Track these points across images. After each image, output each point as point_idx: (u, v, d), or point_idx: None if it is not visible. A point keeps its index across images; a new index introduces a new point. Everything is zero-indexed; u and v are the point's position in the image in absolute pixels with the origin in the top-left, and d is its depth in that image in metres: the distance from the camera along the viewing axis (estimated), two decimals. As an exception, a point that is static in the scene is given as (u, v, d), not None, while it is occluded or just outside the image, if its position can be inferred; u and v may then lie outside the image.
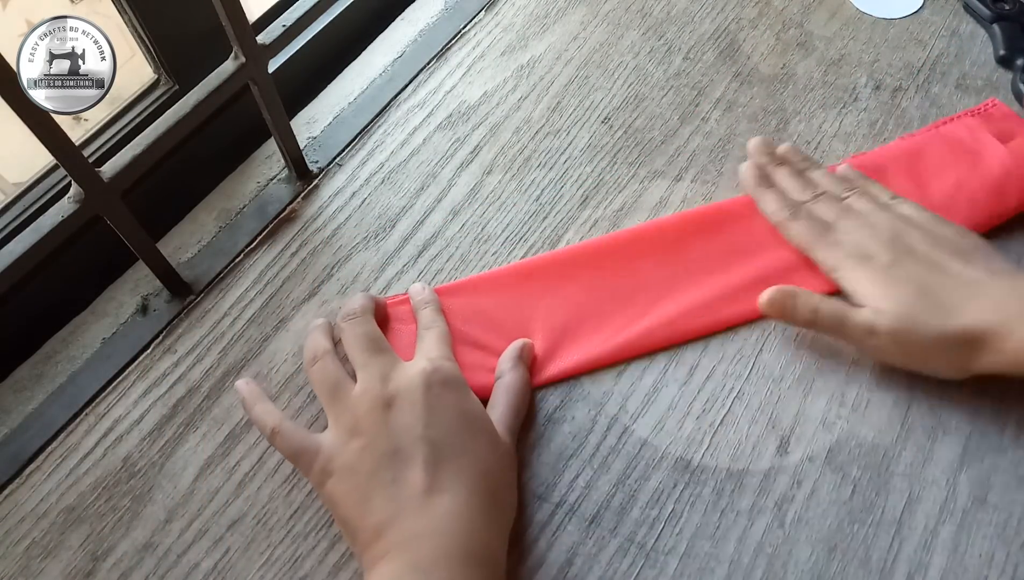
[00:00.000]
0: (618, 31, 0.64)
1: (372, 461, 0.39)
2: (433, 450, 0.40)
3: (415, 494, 0.38)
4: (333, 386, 0.43)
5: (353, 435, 0.41)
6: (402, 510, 0.38)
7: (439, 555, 0.36)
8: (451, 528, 0.37)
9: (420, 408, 0.41)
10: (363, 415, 0.41)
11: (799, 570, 0.42)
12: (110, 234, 0.47)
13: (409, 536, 0.37)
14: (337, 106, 0.62)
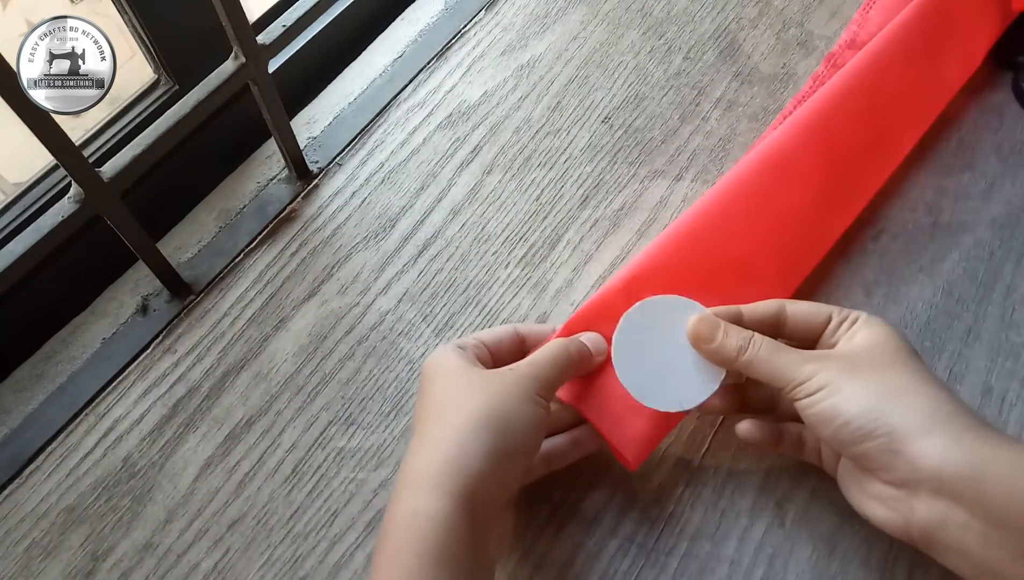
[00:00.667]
0: (618, 31, 0.64)
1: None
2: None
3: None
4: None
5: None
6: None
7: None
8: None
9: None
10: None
11: (799, 570, 0.42)
12: (110, 234, 0.47)
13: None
14: (337, 106, 0.62)
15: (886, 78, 0.53)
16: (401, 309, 0.52)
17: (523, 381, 0.39)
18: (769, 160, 0.50)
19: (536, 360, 0.40)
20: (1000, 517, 0.32)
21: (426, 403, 0.40)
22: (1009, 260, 0.51)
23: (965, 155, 0.56)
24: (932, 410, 0.35)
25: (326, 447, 0.48)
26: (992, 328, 0.49)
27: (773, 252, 0.49)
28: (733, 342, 0.41)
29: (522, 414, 0.37)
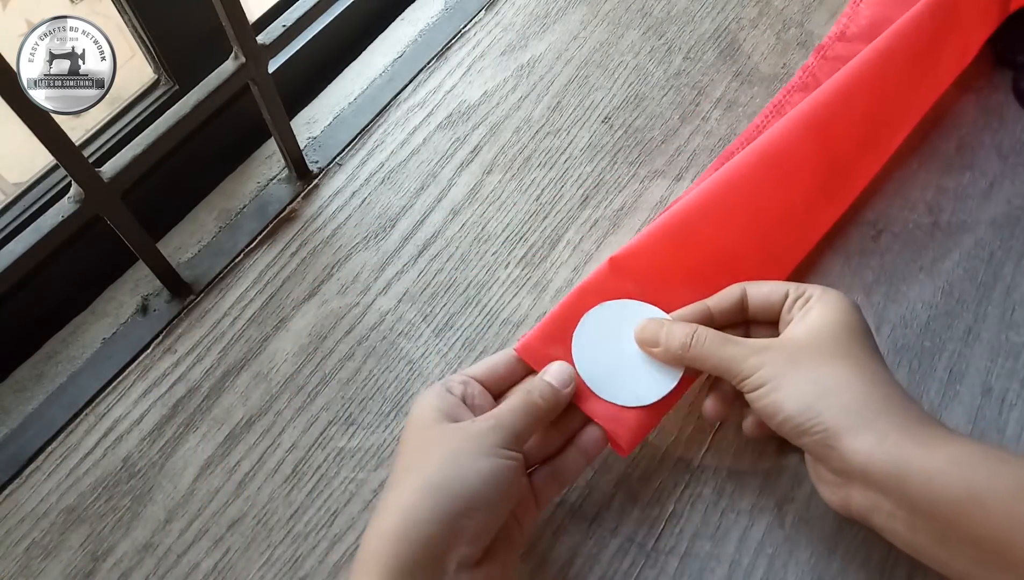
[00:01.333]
0: (618, 31, 0.64)
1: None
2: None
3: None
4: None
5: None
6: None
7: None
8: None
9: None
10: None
11: (799, 570, 0.42)
12: (110, 234, 0.47)
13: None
14: (337, 106, 0.62)
15: (883, 76, 0.53)
16: (401, 309, 0.52)
17: (482, 435, 0.38)
18: (763, 155, 0.50)
19: (499, 412, 0.40)
20: (921, 509, 0.35)
21: (397, 459, 0.40)
22: (1009, 260, 0.51)
23: (965, 155, 0.56)
24: (862, 408, 0.37)
25: (326, 447, 0.48)
26: (992, 328, 0.49)
27: (762, 246, 0.50)
28: (676, 340, 0.42)
29: (478, 470, 0.36)
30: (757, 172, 0.50)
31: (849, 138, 0.52)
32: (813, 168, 0.51)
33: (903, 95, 0.55)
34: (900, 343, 0.49)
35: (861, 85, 0.52)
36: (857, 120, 0.52)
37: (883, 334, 0.49)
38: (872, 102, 0.53)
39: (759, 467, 0.45)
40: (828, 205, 0.52)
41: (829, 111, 0.51)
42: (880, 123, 0.54)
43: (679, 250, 0.48)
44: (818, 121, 0.51)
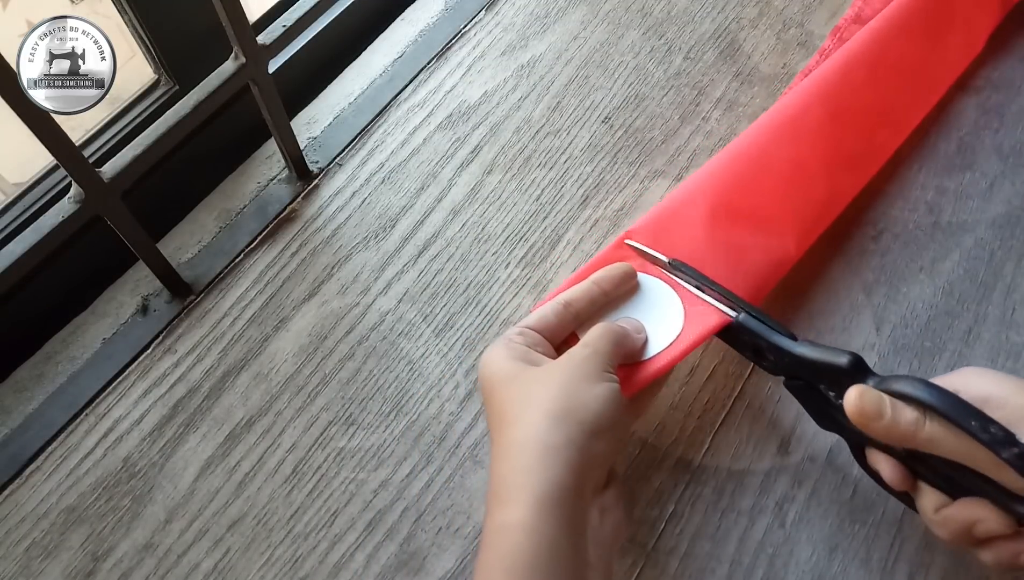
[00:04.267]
0: (618, 31, 0.64)
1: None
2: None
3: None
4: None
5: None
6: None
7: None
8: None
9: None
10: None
11: (800, 570, 0.42)
12: (110, 234, 0.47)
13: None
14: (337, 106, 0.62)
15: (888, 53, 0.55)
16: (401, 309, 0.52)
17: (586, 362, 0.38)
18: (781, 122, 0.53)
19: (589, 341, 0.40)
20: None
21: (495, 411, 0.38)
22: (1010, 260, 0.51)
23: (966, 155, 0.56)
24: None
25: (326, 447, 0.48)
26: (992, 328, 0.49)
27: (787, 205, 0.50)
28: (906, 417, 0.35)
29: (596, 395, 0.37)
30: (777, 135, 0.52)
31: (858, 111, 0.54)
32: (827, 137, 0.52)
33: (909, 74, 0.56)
34: (900, 343, 0.49)
35: (864, 61, 0.55)
36: (865, 94, 0.54)
37: (883, 334, 0.49)
38: (877, 79, 0.55)
39: (759, 467, 0.45)
40: (846, 175, 0.53)
41: (836, 84, 0.54)
42: (890, 100, 0.55)
43: (704, 215, 0.49)
44: (828, 92, 0.53)
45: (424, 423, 0.48)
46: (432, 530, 0.45)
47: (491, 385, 0.39)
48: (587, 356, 0.38)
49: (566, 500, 0.33)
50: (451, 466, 0.47)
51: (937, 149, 0.56)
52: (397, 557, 0.44)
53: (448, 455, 0.47)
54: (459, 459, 0.47)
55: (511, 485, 0.34)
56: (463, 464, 0.47)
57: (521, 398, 0.37)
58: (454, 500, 0.46)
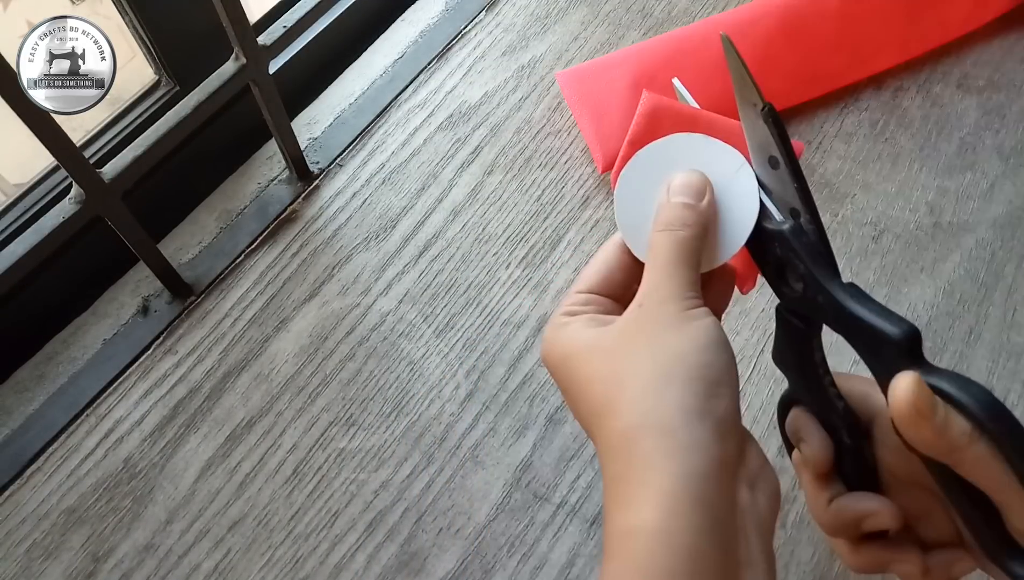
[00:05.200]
0: (619, 31, 0.64)
1: None
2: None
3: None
4: None
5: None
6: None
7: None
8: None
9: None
10: None
11: (801, 571, 0.42)
12: (111, 235, 0.47)
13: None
14: (338, 107, 0.62)
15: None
16: (402, 310, 0.52)
17: (663, 308, 0.30)
18: (730, 22, 0.59)
19: (658, 280, 0.31)
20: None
21: (580, 402, 0.31)
22: (1010, 260, 0.51)
23: (966, 155, 0.56)
24: None
25: (327, 448, 0.47)
26: (993, 328, 0.49)
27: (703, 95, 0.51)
28: (957, 429, 0.27)
29: (692, 343, 0.29)
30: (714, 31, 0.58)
31: (818, 30, 0.57)
32: (771, 41, 0.57)
33: (899, 17, 0.58)
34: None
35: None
36: (828, 15, 0.57)
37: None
38: (853, 6, 0.58)
39: (760, 468, 0.45)
40: (785, 81, 0.58)
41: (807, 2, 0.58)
42: (863, 28, 0.58)
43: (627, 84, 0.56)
44: (793, 5, 0.58)
45: (425, 424, 0.48)
46: (433, 531, 0.45)
47: (566, 369, 0.31)
48: (663, 298, 0.30)
49: (703, 491, 0.26)
50: (452, 467, 0.47)
51: (938, 149, 0.56)
52: (398, 558, 0.44)
53: (449, 456, 0.47)
54: (460, 460, 0.47)
55: (630, 484, 0.27)
56: (464, 465, 0.47)
57: (607, 378, 0.29)
58: (455, 501, 0.46)
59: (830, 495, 0.34)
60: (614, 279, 0.33)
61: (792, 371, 0.36)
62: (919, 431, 0.27)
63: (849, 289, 0.31)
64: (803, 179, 0.31)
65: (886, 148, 0.57)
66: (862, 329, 0.31)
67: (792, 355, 0.35)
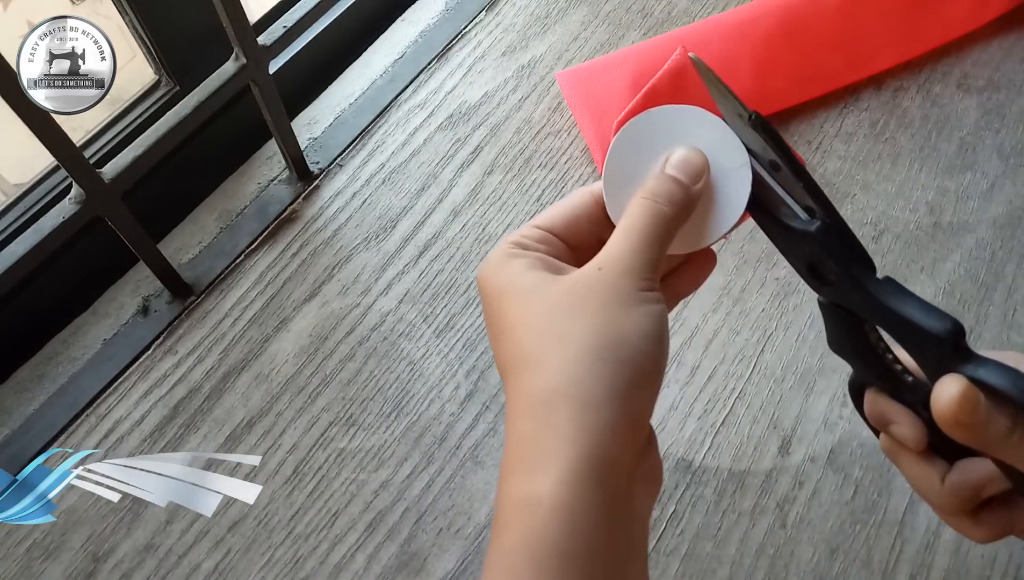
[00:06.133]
0: (619, 31, 0.64)
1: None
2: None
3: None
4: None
5: None
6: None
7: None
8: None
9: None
10: None
11: (801, 571, 0.42)
12: (111, 235, 0.47)
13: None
14: (338, 107, 0.62)
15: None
16: (402, 310, 0.52)
17: (620, 283, 0.28)
18: (730, 22, 0.59)
19: (626, 248, 0.29)
20: None
21: (506, 342, 0.29)
22: (1011, 260, 0.51)
23: (967, 155, 0.56)
24: None
25: (327, 448, 0.47)
26: (994, 328, 0.49)
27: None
28: (998, 427, 0.28)
29: (636, 327, 0.28)
30: (716, 33, 0.58)
31: (818, 29, 0.58)
32: (770, 41, 0.57)
33: (898, 15, 0.59)
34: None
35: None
36: (829, 14, 0.58)
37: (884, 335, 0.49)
38: (854, 4, 0.58)
39: (760, 468, 0.45)
40: (784, 80, 0.58)
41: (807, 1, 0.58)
42: (863, 28, 0.58)
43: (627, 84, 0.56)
44: (793, 5, 0.58)
45: (425, 424, 0.48)
46: (433, 531, 0.45)
47: (500, 304, 0.30)
48: (621, 272, 0.29)
49: (610, 473, 0.26)
50: (452, 467, 0.47)
51: (938, 149, 0.56)
52: (398, 558, 0.44)
53: (449, 456, 0.47)
54: (460, 460, 0.47)
55: (539, 448, 0.26)
56: (464, 465, 0.47)
57: (540, 330, 0.28)
58: (455, 501, 0.46)
59: (940, 473, 0.32)
60: (579, 226, 0.32)
61: (852, 357, 0.35)
62: (961, 435, 0.28)
63: (886, 285, 0.31)
64: (808, 176, 0.31)
65: (886, 148, 0.57)
66: (903, 325, 0.31)
67: (848, 341, 0.34)
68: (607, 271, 0.29)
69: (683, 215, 0.30)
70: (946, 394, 0.27)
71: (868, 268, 0.31)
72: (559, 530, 0.25)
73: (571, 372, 0.27)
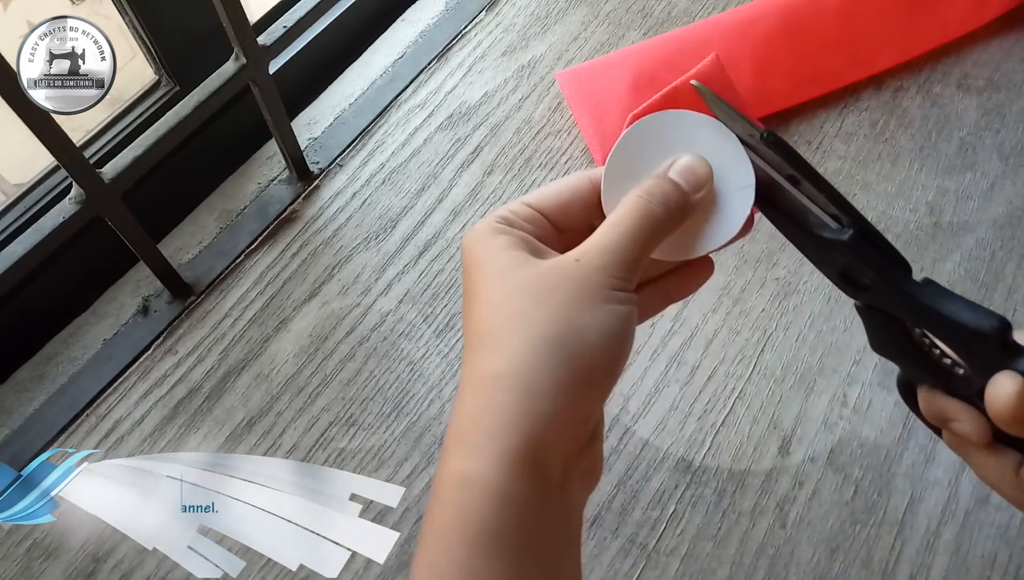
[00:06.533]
0: (619, 31, 0.64)
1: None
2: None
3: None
4: None
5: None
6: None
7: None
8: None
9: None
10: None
11: (801, 571, 0.42)
12: (111, 235, 0.47)
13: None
14: (338, 107, 0.62)
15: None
16: (402, 310, 0.52)
17: (592, 278, 0.28)
18: (730, 22, 0.59)
19: (608, 242, 0.29)
20: None
21: (473, 317, 0.30)
22: (1011, 260, 0.51)
23: (967, 155, 0.56)
24: None
25: (327, 448, 0.47)
26: (994, 329, 0.49)
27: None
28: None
29: (599, 324, 0.28)
30: (716, 32, 0.58)
31: (818, 29, 0.58)
32: (769, 41, 0.58)
33: (898, 15, 0.59)
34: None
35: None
36: (829, 15, 0.58)
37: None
38: (854, 5, 0.58)
39: (760, 468, 0.45)
40: (784, 80, 0.58)
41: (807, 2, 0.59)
42: (863, 28, 0.58)
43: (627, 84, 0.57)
44: (793, 5, 0.58)
45: (425, 424, 0.48)
46: (433, 531, 0.45)
47: (474, 276, 0.30)
48: (597, 267, 0.29)
49: (545, 462, 0.27)
50: (452, 467, 0.47)
51: (938, 149, 0.56)
52: (398, 558, 0.44)
53: (449, 456, 0.47)
54: (460, 460, 0.47)
55: (479, 429, 0.27)
56: (464, 465, 0.47)
57: (505, 311, 0.29)
58: (455, 501, 0.45)
59: (1013, 464, 0.32)
60: (571, 210, 0.32)
61: (898, 356, 0.34)
62: (1018, 431, 0.28)
63: (927, 287, 0.31)
64: (829, 186, 0.31)
65: (886, 148, 0.57)
66: (948, 325, 0.30)
67: (892, 342, 0.34)
68: (583, 264, 0.29)
69: (675, 221, 0.31)
70: (1002, 393, 0.27)
71: (905, 270, 0.31)
72: (491, 511, 0.26)
73: (522, 358, 0.27)
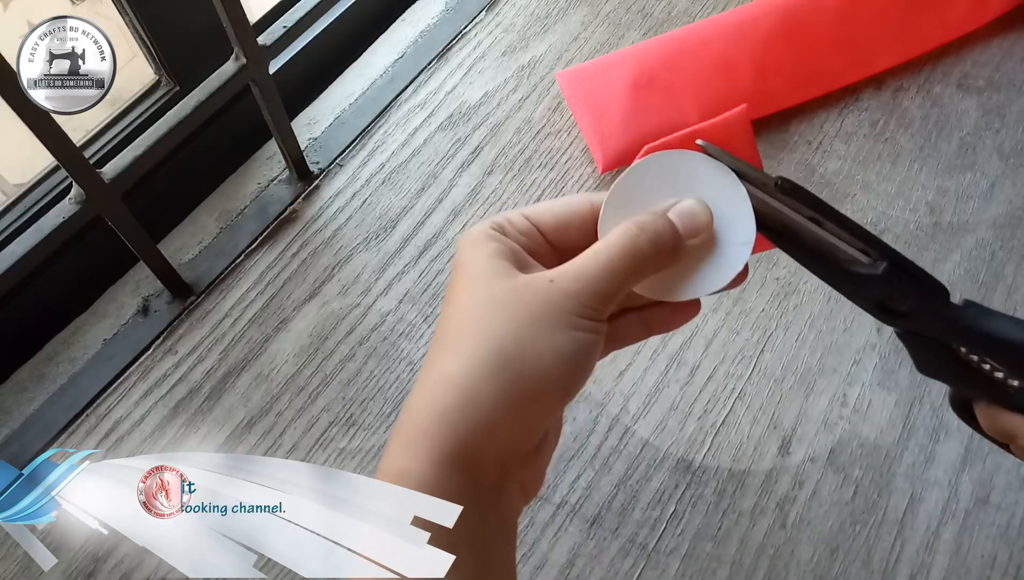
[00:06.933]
0: (619, 31, 0.64)
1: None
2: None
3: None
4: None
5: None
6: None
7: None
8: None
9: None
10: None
11: (801, 571, 0.42)
12: (111, 235, 0.47)
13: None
14: (338, 107, 0.62)
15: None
16: (402, 310, 0.52)
17: (561, 302, 0.29)
18: (730, 21, 0.59)
19: (586, 269, 0.29)
20: None
21: (445, 311, 0.30)
22: (1011, 260, 0.51)
23: (967, 156, 0.56)
24: None
25: (327, 448, 0.47)
26: (994, 329, 0.49)
27: (703, 90, 0.57)
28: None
29: (555, 347, 0.28)
30: (715, 32, 0.59)
31: (818, 29, 0.58)
32: (769, 41, 0.58)
33: (898, 14, 0.59)
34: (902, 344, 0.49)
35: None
36: (829, 15, 0.58)
37: (884, 335, 0.49)
38: (853, 3, 0.58)
39: (760, 468, 0.45)
40: (785, 80, 0.58)
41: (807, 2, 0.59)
42: (863, 28, 0.59)
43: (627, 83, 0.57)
44: (793, 5, 0.59)
45: (425, 424, 0.48)
46: (433, 531, 0.45)
47: (456, 276, 0.31)
48: (570, 293, 0.29)
49: (479, 467, 0.28)
50: (452, 467, 0.47)
51: (938, 149, 0.56)
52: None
53: (449, 456, 0.47)
54: (460, 460, 0.47)
55: (418, 427, 0.28)
56: (464, 465, 0.47)
57: (474, 318, 0.29)
58: (455, 501, 0.46)
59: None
60: (568, 230, 0.32)
61: (947, 376, 0.35)
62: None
63: (968, 309, 0.31)
64: (852, 222, 0.31)
65: (886, 148, 0.57)
66: (994, 344, 0.31)
67: (938, 364, 0.34)
68: (555, 286, 0.29)
69: (662, 261, 0.30)
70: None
71: (942, 294, 0.31)
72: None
73: (472, 365, 0.28)
